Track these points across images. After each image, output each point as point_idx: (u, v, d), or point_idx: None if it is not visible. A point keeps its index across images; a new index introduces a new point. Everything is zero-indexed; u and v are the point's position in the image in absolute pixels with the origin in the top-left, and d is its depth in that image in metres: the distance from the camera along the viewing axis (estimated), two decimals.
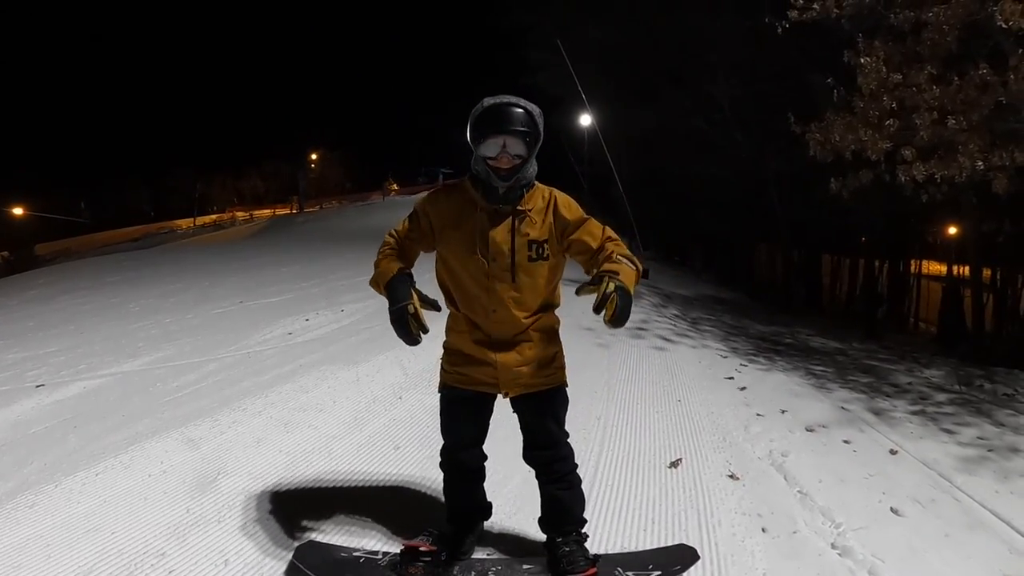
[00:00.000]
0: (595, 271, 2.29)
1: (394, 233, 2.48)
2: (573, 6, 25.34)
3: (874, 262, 21.77)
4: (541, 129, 2.33)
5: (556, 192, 2.46)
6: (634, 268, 2.31)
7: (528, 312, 2.43)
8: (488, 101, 2.30)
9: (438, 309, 2.41)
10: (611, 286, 2.14)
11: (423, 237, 2.46)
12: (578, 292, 2.26)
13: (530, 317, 2.43)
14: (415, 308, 2.26)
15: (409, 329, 2.24)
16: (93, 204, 61.22)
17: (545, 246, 2.41)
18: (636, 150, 25.10)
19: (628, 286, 2.20)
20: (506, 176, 2.30)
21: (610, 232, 2.45)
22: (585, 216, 2.44)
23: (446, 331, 2.54)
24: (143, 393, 4.82)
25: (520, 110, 2.28)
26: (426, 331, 2.26)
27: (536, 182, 2.42)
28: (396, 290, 2.31)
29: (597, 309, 2.14)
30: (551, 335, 2.52)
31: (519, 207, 2.37)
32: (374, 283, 2.43)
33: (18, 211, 47.66)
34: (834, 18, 8.25)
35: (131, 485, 3.06)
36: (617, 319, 2.12)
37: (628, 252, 2.36)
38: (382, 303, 2.40)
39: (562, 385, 2.53)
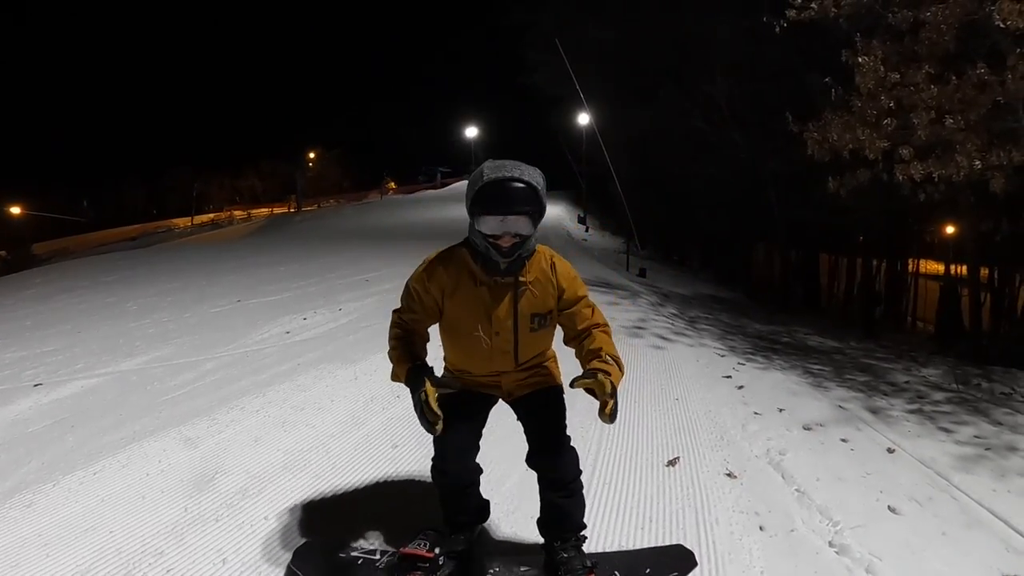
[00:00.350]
0: (588, 367, 2.30)
1: (400, 320, 2.43)
2: (572, 5, 25.37)
3: (872, 261, 21.85)
4: (545, 201, 2.24)
5: (556, 258, 2.43)
6: (621, 372, 2.33)
7: (527, 362, 2.48)
8: (489, 173, 2.16)
9: (457, 388, 2.43)
10: (609, 385, 2.18)
11: (429, 316, 2.41)
12: (573, 384, 2.25)
13: (527, 363, 2.48)
14: (426, 395, 2.19)
15: (425, 417, 2.19)
16: (91, 203, 61.19)
17: (548, 317, 2.42)
18: (634, 149, 25.16)
19: (616, 386, 2.23)
20: (508, 252, 2.24)
21: (599, 317, 2.46)
22: (581, 295, 2.44)
23: (444, 359, 2.57)
24: (141, 392, 4.81)
25: (523, 186, 2.15)
26: (440, 417, 2.20)
27: (536, 246, 2.38)
28: (412, 383, 2.26)
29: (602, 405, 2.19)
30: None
31: (520, 278, 2.34)
32: (395, 378, 2.40)
33: (15, 210, 47.69)
34: (832, 17, 8.27)
35: (129, 484, 3.05)
36: (612, 415, 2.18)
37: (615, 352, 2.38)
38: (380, 302, 2.42)
39: (559, 385, 2.55)
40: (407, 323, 2.41)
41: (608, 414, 2.16)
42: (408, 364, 2.31)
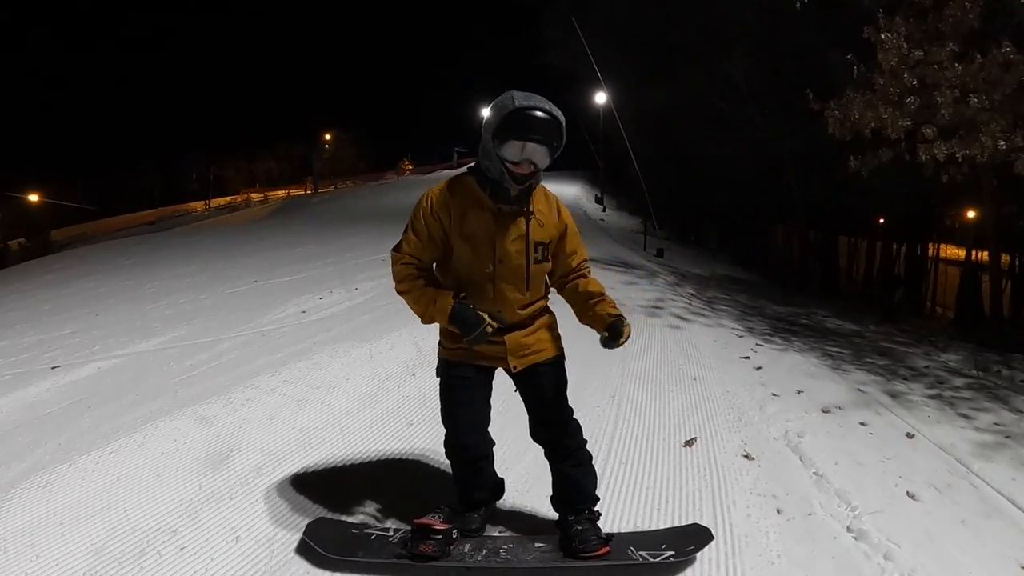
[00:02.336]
0: (608, 317, 2.41)
1: (410, 258, 2.36)
2: None
3: (891, 245, 21.56)
4: (564, 137, 2.28)
5: (556, 195, 2.49)
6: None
7: (528, 306, 2.44)
8: (519, 101, 2.20)
9: (504, 322, 2.40)
10: (627, 331, 2.37)
11: (435, 246, 2.37)
12: (609, 344, 2.37)
13: (529, 308, 2.45)
14: (492, 327, 2.30)
15: (484, 331, 2.29)
16: (108, 190, 61.68)
17: (548, 249, 2.43)
18: (651, 128, 24.94)
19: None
20: (521, 180, 2.27)
21: (586, 252, 2.61)
22: (576, 232, 2.53)
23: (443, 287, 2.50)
24: (157, 372, 4.83)
25: (549, 118, 2.21)
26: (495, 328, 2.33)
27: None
28: (465, 318, 2.29)
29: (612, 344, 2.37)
30: (546, 311, 2.53)
31: (526, 208, 2.35)
32: (429, 319, 2.38)
33: (33, 198, 48.20)
34: None
35: (144, 463, 3.06)
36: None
37: (599, 284, 2.54)
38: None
39: (562, 355, 2.53)
40: (417, 259, 2.37)
41: (623, 343, 2.36)
42: (450, 296, 2.32)
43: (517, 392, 2.51)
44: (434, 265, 2.43)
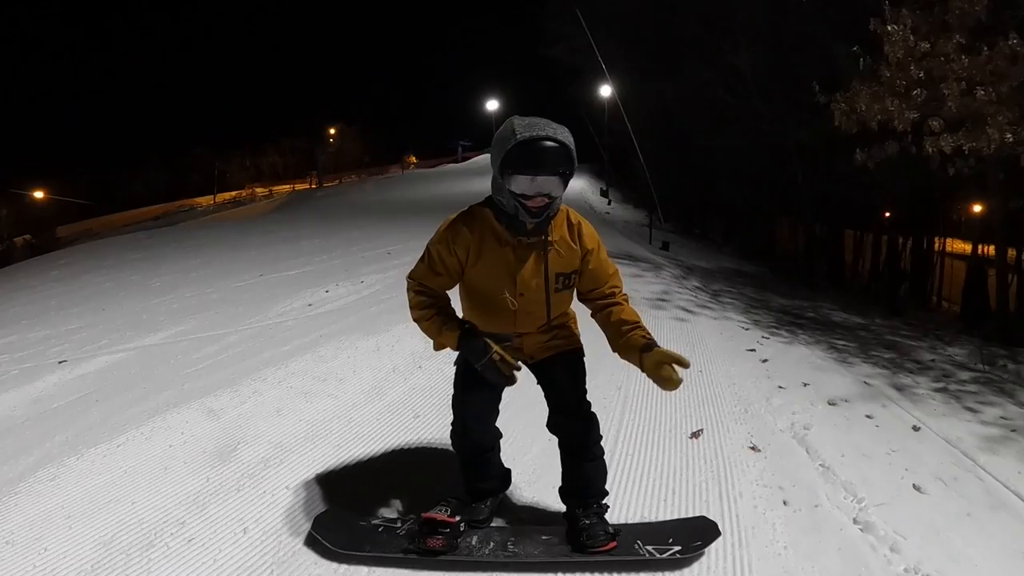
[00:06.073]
0: (640, 340, 2.27)
1: (422, 287, 2.37)
2: None
3: (897, 238, 21.50)
4: (576, 160, 2.14)
5: (576, 216, 2.39)
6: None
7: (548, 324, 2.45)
8: (521, 132, 2.06)
9: (510, 340, 2.40)
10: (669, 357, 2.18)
11: (452, 278, 2.37)
12: (649, 370, 2.22)
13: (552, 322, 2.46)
14: (500, 354, 2.25)
15: (502, 371, 2.25)
16: (113, 186, 61.90)
17: (572, 277, 2.38)
18: (656, 121, 24.90)
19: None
20: (537, 213, 2.17)
21: (619, 280, 2.46)
22: (604, 257, 2.43)
23: (464, 311, 2.51)
24: (164, 366, 4.85)
25: (556, 146, 2.06)
26: (518, 368, 2.29)
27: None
28: (470, 345, 2.29)
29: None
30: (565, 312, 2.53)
31: (545, 238, 2.29)
32: (440, 347, 2.40)
33: (39, 195, 48.44)
34: None
35: (152, 456, 3.07)
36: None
37: (636, 314, 2.38)
38: (402, 274, 2.40)
39: (581, 348, 2.53)
40: (432, 288, 2.37)
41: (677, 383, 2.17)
42: (457, 329, 2.32)
43: (538, 385, 2.52)
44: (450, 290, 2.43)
